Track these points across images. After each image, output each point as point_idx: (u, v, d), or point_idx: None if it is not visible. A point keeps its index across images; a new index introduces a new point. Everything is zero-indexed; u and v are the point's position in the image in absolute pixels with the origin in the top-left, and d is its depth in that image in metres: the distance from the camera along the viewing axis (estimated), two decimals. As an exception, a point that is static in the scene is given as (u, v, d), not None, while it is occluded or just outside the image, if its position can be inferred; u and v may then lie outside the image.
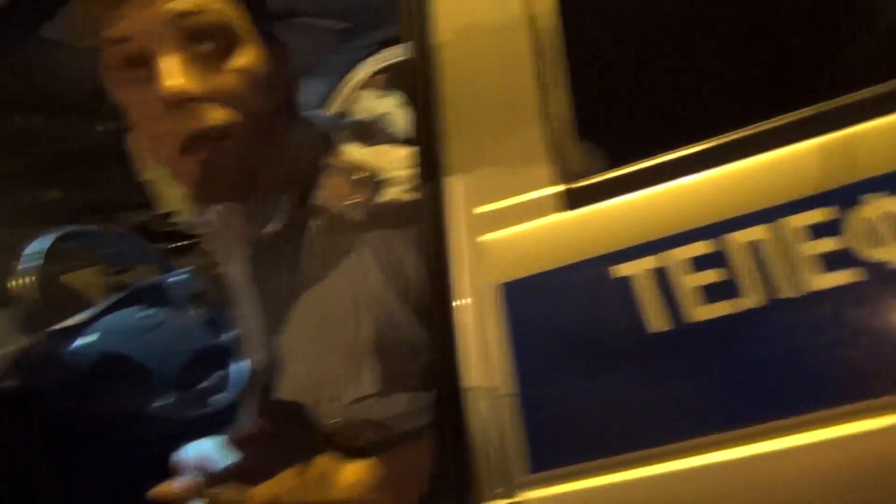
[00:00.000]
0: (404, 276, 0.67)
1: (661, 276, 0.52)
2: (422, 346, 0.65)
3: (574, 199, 0.56)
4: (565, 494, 0.54)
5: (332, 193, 0.69)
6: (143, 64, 0.63)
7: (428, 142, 0.60)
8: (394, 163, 0.70)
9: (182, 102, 0.63)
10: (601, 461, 0.53)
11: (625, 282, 0.53)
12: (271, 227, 0.71)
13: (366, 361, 0.69)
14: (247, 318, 0.81)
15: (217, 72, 0.64)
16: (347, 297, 0.69)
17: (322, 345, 0.72)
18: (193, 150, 0.65)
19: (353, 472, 0.71)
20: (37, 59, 0.65)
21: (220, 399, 1.48)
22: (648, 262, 0.52)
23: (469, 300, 0.58)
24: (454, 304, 0.58)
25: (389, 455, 0.72)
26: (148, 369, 1.39)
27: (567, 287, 0.55)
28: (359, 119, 0.85)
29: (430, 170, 0.60)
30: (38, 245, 1.30)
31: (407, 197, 0.67)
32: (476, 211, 0.58)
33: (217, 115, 0.65)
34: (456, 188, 0.59)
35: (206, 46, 0.64)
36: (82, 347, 1.34)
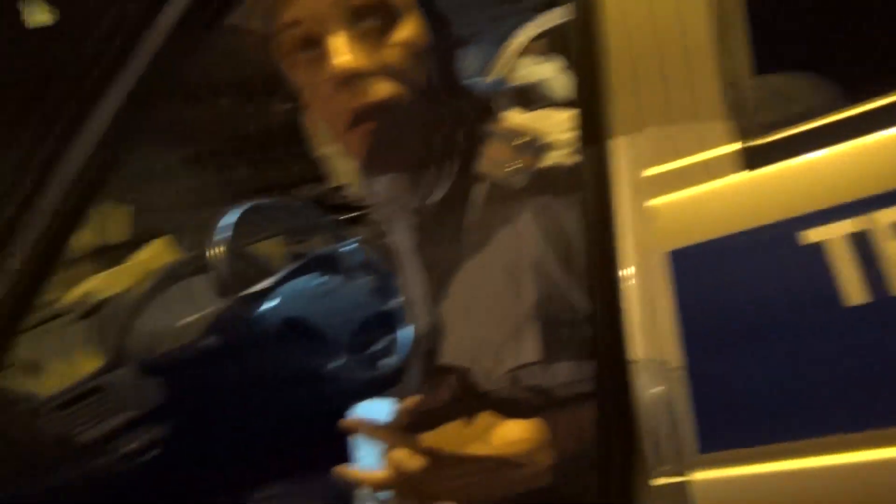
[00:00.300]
0: (567, 242, 0.66)
1: (861, 243, 0.46)
2: (585, 315, 0.63)
3: (754, 158, 0.51)
4: (737, 478, 0.50)
5: (493, 160, 0.69)
6: (313, 45, 0.67)
7: (591, 102, 0.57)
8: (555, 126, 0.69)
9: (351, 78, 0.65)
10: (778, 446, 0.49)
11: (816, 249, 0.47)
12: (435, 196, 0.72)
13: (528, 329, 0.69)
14: (412, 285, 0.83)
15: (382, 46, 0.67)
16: (509, 264, 0.69)
17: (484, 311, 0.73)
18: (363, 124, 0.68)
19: (514, 430, 0.71)
20: (221, 46, 0.71)
21: (388, 363, 1.55)
22: (845, 227, 0.46)
23: (636, 268, 0.55)
24: (620, 272, 0.55)
25: (551, 417, 0.71)
26: (324, 332, 1.50)
27: (745, 254, 0.51)
28: (519, 85, 0.84)
29: (594, 132, 0.57)
30: (229, 218, 1.43)
31: (570, 161, 0.65)
32: (644, 174, 0.55)
33: (383, 89, 0.67)
34: (622, 150, 0.56)
35: (370, 23, 0.66)
36: (267, 311, 1.47)
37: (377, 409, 1.02)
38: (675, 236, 0.53)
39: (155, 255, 1.87)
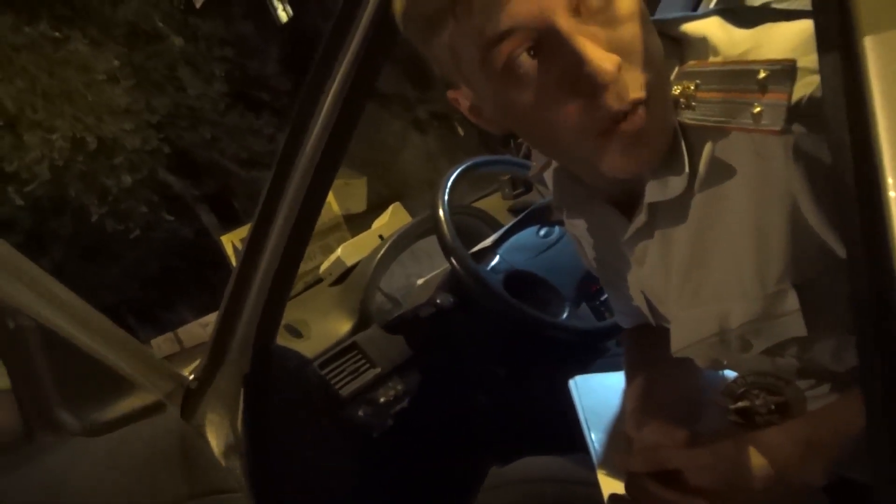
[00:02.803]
0: (829, 181, 0.53)
1: None
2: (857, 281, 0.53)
3: None
4: None
5: (727, 105, 0.55)
6: (538, 53, 0.55)
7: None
8: (786, 42, 0.55)
9: (614, 78, 0.53)
10: None
11: None
12: (675, 190, 0.63)
13: (784, 299, 0.60)
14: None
15: (614, 27, 0.54)
16: (757, 222, 0.59)
17: (727, 284, 0.64)
18: (621, 123, 0.55)
19: (775, 441, 0.63)
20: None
21: (609, 320, 1.50)
22: None
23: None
24: (886, 195, 0.45)
25: (813, 415, 0.63)
26: (548, 284, 1.49)
27: None
28: (717, 8, 0.65)
29: (843, 31, 0.46)
30: (450, 178, 1.47)
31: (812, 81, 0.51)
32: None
33: (638, 80, 0.55)
34: (881, 47, 0.44)
35: (595, 2, 0.53)
36: (496, 264, 1.49)
37: (604, 385, 0.99)
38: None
39: (390, 220, 2.01)
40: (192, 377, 1.16)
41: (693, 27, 0.62)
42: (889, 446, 0.45)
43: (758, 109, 0.52)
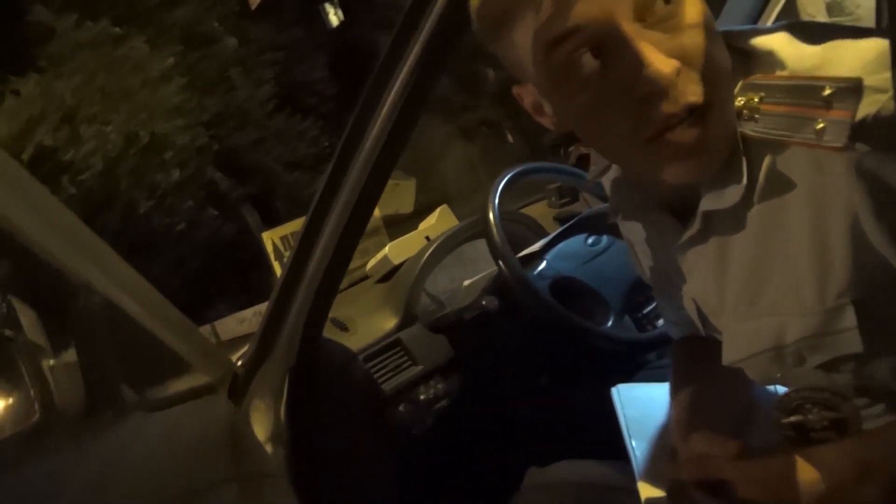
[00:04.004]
0: (892, 202, 0.53)
1: None
2: None
3: None
4: None
5: (791, 120, 0.56)
6: (600, 52, 0.56)
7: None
8: (855, 60, 0.55)
9: (671, 82, 0.54)
10: None
11: None
12: (730, 200, 0.63)
13: (842, 315, 0.59)
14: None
15: (678, 33, 0.55)
16: (816, 239, 0.59)
17: (783, 298, 0.64)
18: (677, 130, 0.56)
19: (830, 459, 0.62)
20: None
21: (656, 329, 1.50)
22: None
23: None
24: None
25: (870, 434, 0.62)
26: (594, 293, 1.49)
27: None
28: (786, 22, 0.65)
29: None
30: (500, 184, 1.48)
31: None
32: None
33: (695, 87, 0.55)
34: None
35: (661, 7, 0.55)
36: (542, 270, 1.50)
37: (648, 396, 0.98)
38: None
39: (436, 223, 2.03)
40: (239, 363, 1.20)
41: (761, 41, 0.62)
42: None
43: (821, 125, 0.53)
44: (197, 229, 10.51)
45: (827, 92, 0.53)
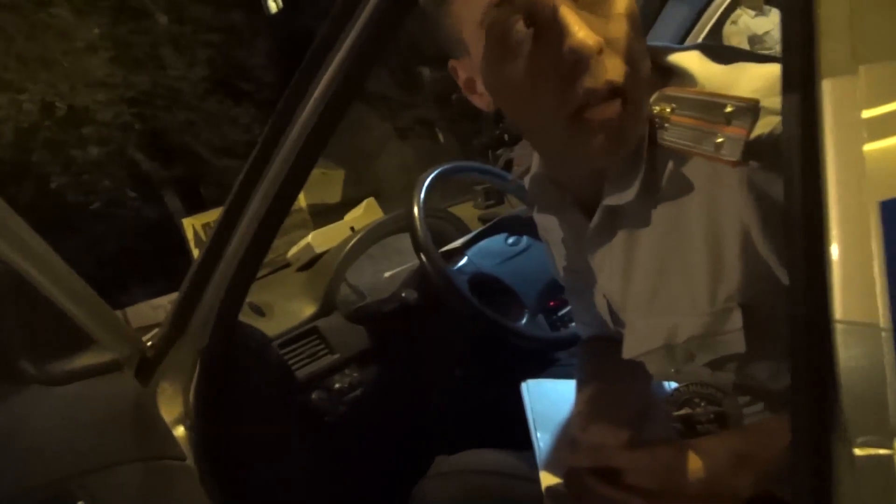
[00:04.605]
0: (776, 214, 0.58)
1: None
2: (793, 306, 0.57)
3: None
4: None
5: (694, 132, 0.60)
6: (532, 24, 0.59)
7: (801, 41, 0.51)
8: (752, 81, 0.60)
9: (592, 56, 0.56)
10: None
11: None
12: (630, 194, 0.67)
13: (730, 317, 0.64)
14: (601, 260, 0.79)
15: (607, 19, 0.58)
16: (710, 240, 0.64)
17: (678, 298, 0.68)
18: (599, 105, 0.59)
19: (710, 449, 0.67)
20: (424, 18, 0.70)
21: (570, 329, 1.55)
22: None
23: (846, 220, 0.49)
24: (827, 225, 0.50)
25: (746, 429, 0.67)
26: (511, 291, 1.53)
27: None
28: (707, 43, 0.73)
29: (804, 74, 0.51)
30: (426, 181, 1.50)
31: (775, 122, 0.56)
32: (864, 115, 0.49)
33: (617, 68, 0.58)
34: (837, 91, 0.49)
35: None
36: (463, 266, 1.53)
37: (555, 391, 1.02)
38: (890, 185, 0.46)
39: (362, 214, 2.03)
40: (149, 344, 1.17)
41: (677, 57, 0.67)
42: (807, 466, 0.50)
43: (720, 140, 0.57)
44: (115, 210, 10.06)
45: (728, 109, 0.57)
